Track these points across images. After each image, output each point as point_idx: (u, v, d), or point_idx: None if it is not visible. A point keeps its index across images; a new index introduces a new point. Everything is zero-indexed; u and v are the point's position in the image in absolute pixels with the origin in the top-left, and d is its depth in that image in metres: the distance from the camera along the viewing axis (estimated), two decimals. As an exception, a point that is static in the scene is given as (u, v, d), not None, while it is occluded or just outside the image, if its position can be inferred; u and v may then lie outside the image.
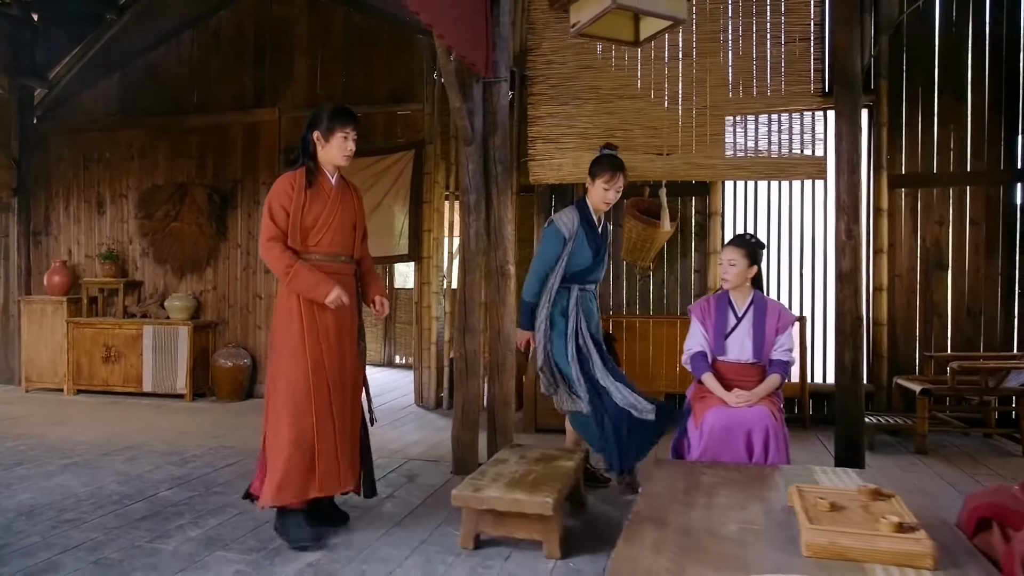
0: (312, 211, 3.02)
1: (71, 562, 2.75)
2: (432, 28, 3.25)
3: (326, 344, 3.03)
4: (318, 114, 3.10)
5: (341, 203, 3.11)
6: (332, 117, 3.05)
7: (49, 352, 6.70)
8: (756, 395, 3.14)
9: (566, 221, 3.57)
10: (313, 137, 3.07)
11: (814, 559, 1.98)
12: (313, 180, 3.05)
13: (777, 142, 3.81)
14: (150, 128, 6.92)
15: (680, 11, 2.52)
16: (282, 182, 3.04)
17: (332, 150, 3.06)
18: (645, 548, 2.08)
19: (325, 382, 3.00)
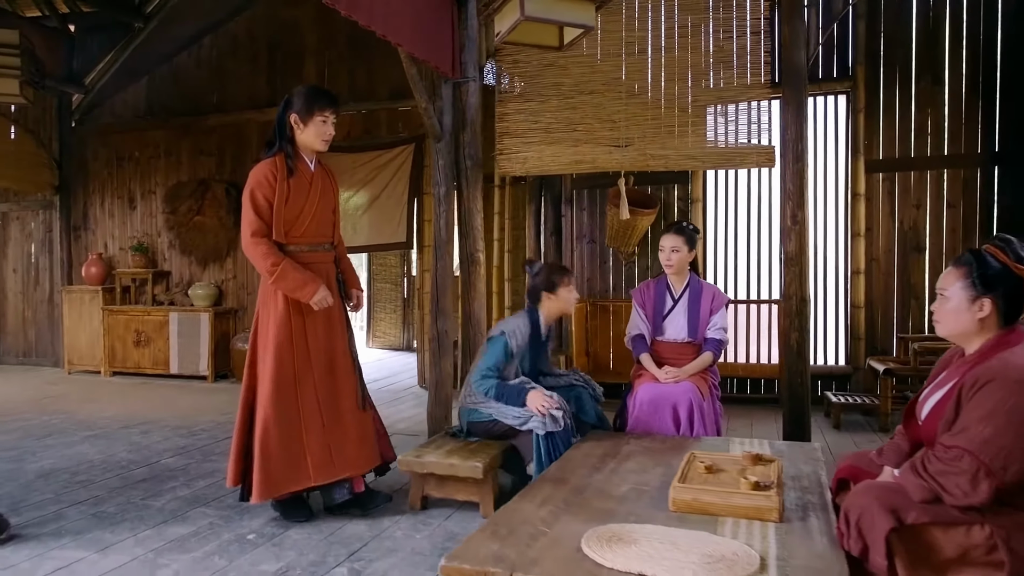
0: (294, 201, 2.92)
1: (74, 514, 3.18)
2: (389, 39, 3.53)
3: (312, 334, 2.97)
4: (292, 98, 2.95)
5: (321, 191, 3.02)
6: (311, 99, 2.90)
7: (87, 337, 7.29)
8: (685, 372, 3.37)
9: (517, 336, 3.26)
10: (290, 119, 2.92)
11: (677, 513, 2.24)
12: (293, 168, 2.91)
13: (727, 132, 3.98)
14: (174, 128, 7.42)
15: (588, 19, 2.75)
16: (262, 170, 2.89)
17: (310, 134, 2.92)
18: (534, 503, 2.36)
19: (311, 373, 2.95)
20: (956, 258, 2.12)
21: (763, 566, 1.84)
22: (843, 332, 5.50)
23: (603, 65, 4.26)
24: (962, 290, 2.04)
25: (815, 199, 5.49)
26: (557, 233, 6.13)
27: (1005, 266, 1.99)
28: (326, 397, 3.00)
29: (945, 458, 1.90)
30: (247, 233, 2.89)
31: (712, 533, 2.05)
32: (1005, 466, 1.82)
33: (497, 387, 3.15)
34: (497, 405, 3.15)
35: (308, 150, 2.99)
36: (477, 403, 3.26)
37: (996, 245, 2.03)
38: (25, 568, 2.60)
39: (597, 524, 2.11)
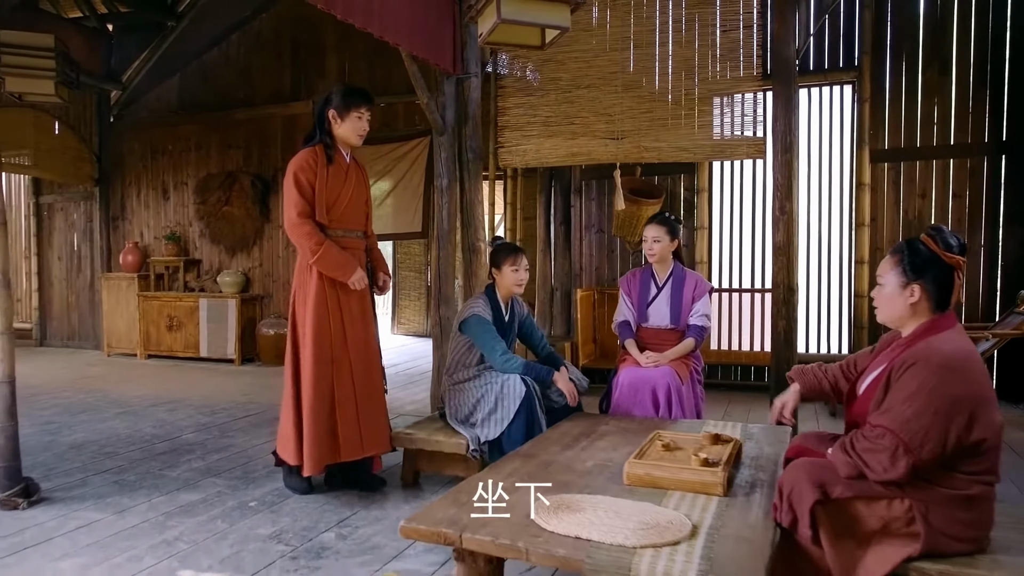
0: (333, 187, 3.11)
1: (98, 481, 3.48)
2: (387, 40, 3.71)
3: (348, 316, 3.15)
4: (331, 94, 3.16)
5: (356, 181, 3.23)
6: (348, 97, 3.12)
7: (125, 322, 7.70)
8: (665, 357, 3.51)
9: (482, 308, 3.41)
10: (328, 115, 3.14)
11: (630, 486, 2.39)
12: (332, 157, 3.12)
13: (721, 124, 4.08)
14: (204, 122, 7.75)
15: (564, 20, 2.89)
16: (303, 156, 3.09)
17: (347, 129, 3.14)
18: (500, 473, 2.54)
19: (347, 355, 3.13)
20: (893, 247, 2.22)
21: (694, 533, 1.99)
22: (847, 321, 5.53)
23: (599, 60, 4.39)
24: (895, 277, 2.14)
25: (820, 189, 5.53)
26: (566, 223, 6.27)
27: (934, 254, 2.09)
28: (360, 378, 3.18)
29: (870, 436, 2.02)
30: (292, 214, 3.05)
31: (657, 504, 2.21)
32: (922, 444, 1.93)
33: (525, 365, 3.34)
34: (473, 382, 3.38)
35: (344, 144, 3.19)
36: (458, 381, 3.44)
37: (928, 234, 2.13)
38: (51, 526, 2.89)
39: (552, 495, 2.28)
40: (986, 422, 1.95)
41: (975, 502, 1.99)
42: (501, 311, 3.57)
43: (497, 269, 3.51)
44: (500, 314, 3.55)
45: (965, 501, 1.98)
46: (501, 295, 3.56)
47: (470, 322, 3.41)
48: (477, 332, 3.40)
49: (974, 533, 1.99)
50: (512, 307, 3.64)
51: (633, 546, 1.89)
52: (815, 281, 5.66)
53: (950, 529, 1.96)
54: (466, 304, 3.60)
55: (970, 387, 1.95)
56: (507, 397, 3.28)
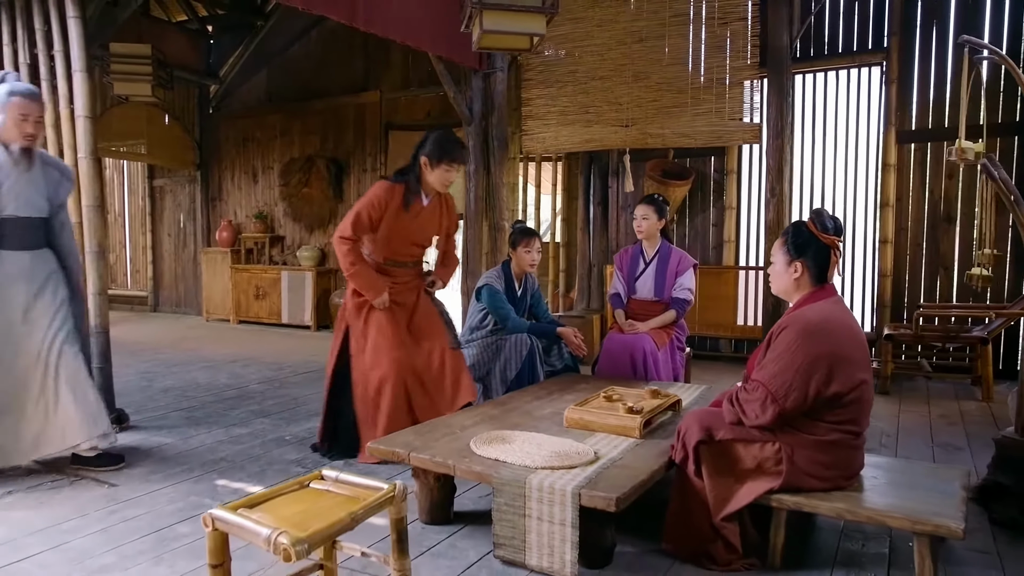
0: (397, 226, 3.31)
1: (174, 416, 4.27)
2: (412, 45, 4.22)
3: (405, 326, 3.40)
4: (429, 139, 3.29)
5: (423, 224, 3.42)
6: (440, 150, 3.24)
7: (220, 291, 8.73)
8: (646, 325, 3.89)
9: (494, 279, 3.85)
10: (421, 160, 3.31)
11: (568, 428, 2.84)
12: (409, 202, 3.31)
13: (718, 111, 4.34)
14: (288, 112, 8.60)
15: (539, 28, 3.30)
16: (380, 193, 3.27)
17: (435, 178, 3.31)
18: (468, 416, 3.05)
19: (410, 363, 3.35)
20: (783, 229, 2.54)
21: (591, 462, 2.43)
22: (870, 299, 5.64)
23: (612, 53, 4.74)
24: (782, 256, 2.48)
25: (846, 170, 5.63)
26: (604, 203, 6.63)
27: (813, 235, 2.41)
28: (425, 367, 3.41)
29: (748, 389, 2.38)
30: (338, 235, 3.31)
31: (579, 442, 2.65)
32: (787, 395, 2.28)
33: (531, 326, 3.84)
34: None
35: (429, 188, 3.38)
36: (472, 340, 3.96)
37: (809, 216, 2.45)
38: (131, 444, 3.66)
39: (498, 430, 2.77)
40: (844, 378, 2.28)
41: (834, 447, 2.32)
42: (514, 284, 4.06)
43: (513, 249, 4.01)
44: (513, 287, 4.06)
45: (825, 446, 2.32)
46: (515, 271, 4.05)
47: (483, 291, 3.93)
48: (489, 299, 3.91)
49: (832, 473, 2.32)
50: (525, 282, 4.13)
51: (535, 467, 2.36)
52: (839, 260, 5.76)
53: (810, 469, 2.31)
54: (483, 275, 4.12)
55: (829, 347, 2.27)
56: (514, 349, 3.79)
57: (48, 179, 3.18)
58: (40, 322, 3.09)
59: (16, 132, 3.01)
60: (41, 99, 3.13)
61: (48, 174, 3.19)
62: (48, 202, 3.17)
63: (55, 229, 3.23)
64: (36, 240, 3.14)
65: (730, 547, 2.34)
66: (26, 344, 3.07)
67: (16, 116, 2.99)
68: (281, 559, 1.60)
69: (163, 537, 2.53)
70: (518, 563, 2.30)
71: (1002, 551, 2.45)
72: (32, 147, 3.07)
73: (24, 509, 2.78)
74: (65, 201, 3.29)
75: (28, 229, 3.10)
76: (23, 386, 3.06)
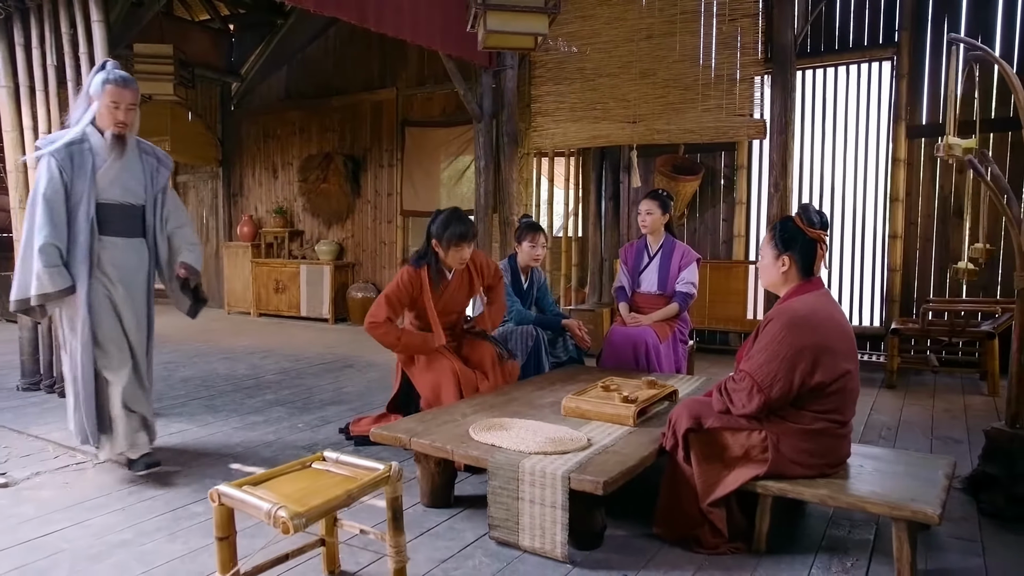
0: (430, 304, 3.46)
1: (194, 404, 4.43)
2: (423, 45, 4.33)
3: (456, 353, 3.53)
4: (437, 221, 3.40)
5: (456, 290, 3.55)
6: (449, 233, 3.35)
7: (241, 284, 8.94)
8: (649, 318, 3.97)
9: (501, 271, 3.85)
10: (433, 243, 3.43)
11: (565, 416, 2.94)
12: (436, 282, 3.45)
13: (723, 107, 4.39)
14: (306, 109, 8.76)
15: (542, 28, 3.38)
16: (406, 279, 3.42)
17: (449, 258, 3.43)
18: (471, 404, 3.16)
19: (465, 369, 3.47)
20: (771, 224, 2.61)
21: (585, 447, 2.53)
22: (879, 294, 5.65)
23: (619, 50, 4.81)
24: (770, 249, 2.54)
25: (856, 165, 5.64)
26: (615, 198, 6.70)
27: (799, 229, 2.47)
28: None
29: (736, 379, 2.46)
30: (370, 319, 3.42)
31: (575, 430, 2.75)
32: (772, 385, 2.35)
33: (537, 318, 3.98)
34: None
35: (448, 264, 3.49)
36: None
37: (796, 212, 2.51)
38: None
39: (497, 417, 2.87)
40: (828, 369, 2.35)
41: (819, 436, 2.39)
42: (520, 277, 4.16)
43: (518, 243, 4.11)
44: (519, 280, 4.16)
45: (810, 434, 2.39)
46: (521, 265, 4.15)
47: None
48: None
49: (817, 461, 2.40)
50: (531, 275, 4.23)
51: (528, 452, 2.46)
52: (849, 255, 5.79)
53: (796, 456, 2.38)
54: None
55: (813, 339, 2.34)
56: (520, 340, 3.89)
57: (145, 166, 3.16)
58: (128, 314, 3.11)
59: (109, 119, 2.99)
60: (135, 87, 3.06)
61: (145, 161, 3.17)
62: (145, 190, 3.14)
63: (159, 220, 3.20)
64: (133, 228, 3.13)
65: (716, 531, 2.43)
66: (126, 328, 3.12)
67: (108, 103, 2.96)
68: (280, 531, 1.72)
69: (178, 516, 2.67)
70: (512, 544, 2.41)
71: (986, 539, 2.50)
72: (124, 135, 3.04)
73: (51, 488, 2.94)
74: (165, 188, 3.23)
75: (125, 217, 3.09)
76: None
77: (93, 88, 3.01)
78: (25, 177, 4.51)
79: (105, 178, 3.02)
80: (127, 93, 3.01)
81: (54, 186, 2.93)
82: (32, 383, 4.65)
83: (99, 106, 2.99)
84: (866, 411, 4.24)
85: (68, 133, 3.03)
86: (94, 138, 3.02)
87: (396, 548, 2.01)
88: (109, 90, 2.97)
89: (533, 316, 3.98)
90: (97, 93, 2.99)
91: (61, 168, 2.93)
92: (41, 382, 4.63)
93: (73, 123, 3.08)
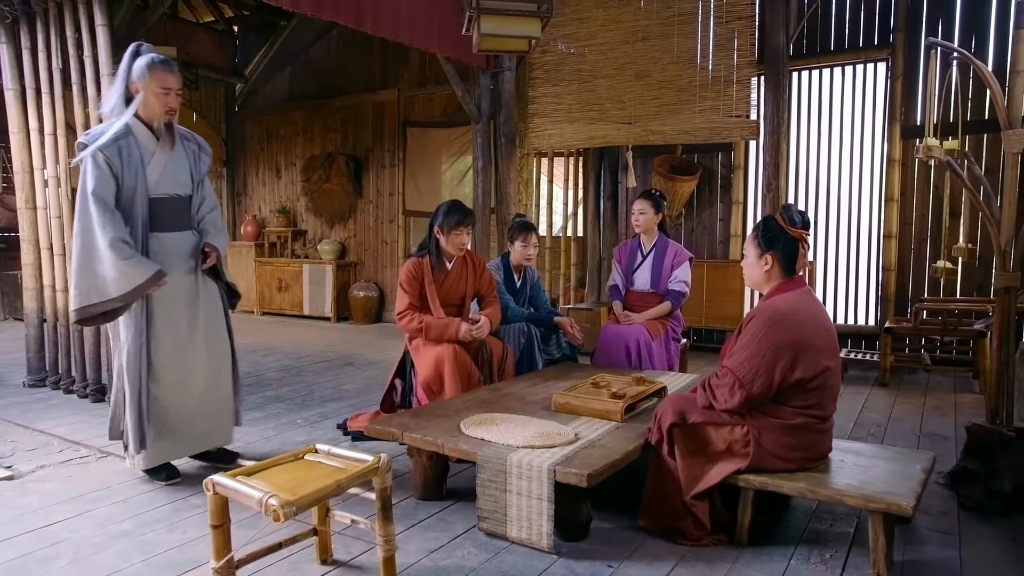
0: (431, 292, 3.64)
1: (195, 402, 4.52)
2: (420, 47, 4.40)
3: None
4: (439, 211, 3.61)
5: (455, 282, 3.70)
6: (448, 217, 3.55)
7: (245, 283, 9.02)
8: (641, 316, 4.03)
9: (494, 269, 4.09)
10: (435, 231, 3.62)
11: (555, 412, 3.01)
12: (436, 269, 3.62)
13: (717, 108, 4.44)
14: (309, 109, 8.85)
15: (535, 31, 3.44)
16: (411, 268, 3.60)
17: (449, 244, 3.60)
18: (463, 399, 3.23)
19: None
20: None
21: (572, 441, 2.59)
22: (874, 293, 5.69)
23: (615, 52, 4.87)
24: (753, 249, 2.60)
25: (851, 165, 5.68)
26: (614, 198, 6.76)
27: (781, 228, 2.53)
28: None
29: (719, 375, 2.52)
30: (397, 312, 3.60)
31: (564, 425, 2.81)
32: (753, 380, 2.41)
33: (530, 315, 4.06)
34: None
35: (448, 253, 3.67)
36: None
37: (779, 212, 2.57)
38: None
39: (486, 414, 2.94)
40: (807, 365, 2.41)
41: (800, 431, 2.45)
42: (513, 276, 4.23)
43: (511, 243, 4.17)
44: (512, 278, 4.22)
45: (791, 429, 2.45)
46: (514, 263, 4.21)
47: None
48: None
49: (797, 455, 2.46)
50: (524, 273, 4.29)
51: (516, 445, 2.53)
52: (844, 254, 5.84)
53: (777, 451, 2.44)
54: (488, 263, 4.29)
55: (793, 336, 2.40)
56: (513, 337, 3.95)
57: (188, 153, 3.01)
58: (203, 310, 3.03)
59: (159, 107, 2.80)
60: (177, 70, 2.89)
61: (188, 148, 3.02)
62: (191, 178, 3.01)
63: (195, 205, 3.06)
64: (184, 221, 3.00)
65: (699, 524, 2.49)
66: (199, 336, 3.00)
67: (157, 90, 2.76)
68: (271, 519, 1.79)
69: (178, 507, 2.75)
70: (500, 535, 2.48)
71: (964, 532, 2.56)
72: (173, 122, 2.89)
73: (56, 481, 3.03)
74: (205, 176, 3.11)
75: (176, 209, 2.95)
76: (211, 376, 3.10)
77: (136, 74, 2.77)
78: (31, 178, 4.60)
79: (155, 171, 2.86)
80: (173, 77, 2.83)
81: (105, 182, 2.75)
82: (38, 380, 4.74)
83: (145, 94, 2.77)
84: (857, 409, 4.30)
85: (112, 126, 2.81)
86: (138, 130, 2.84)
87: (385, 537, 2.08)
88: (157, 75, 2.76)
89: (526, 313, 4.05)
90: (142, 79, 2.76)
91: (109, 163, 2.75)
92: (47, 379, 4.73)
93: (109, 113, 2.87)
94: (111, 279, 2.74)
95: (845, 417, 4.04)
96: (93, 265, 2.75)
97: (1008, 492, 2.71)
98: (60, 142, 4.38)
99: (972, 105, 5.22)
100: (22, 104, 4.53)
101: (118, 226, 2.75)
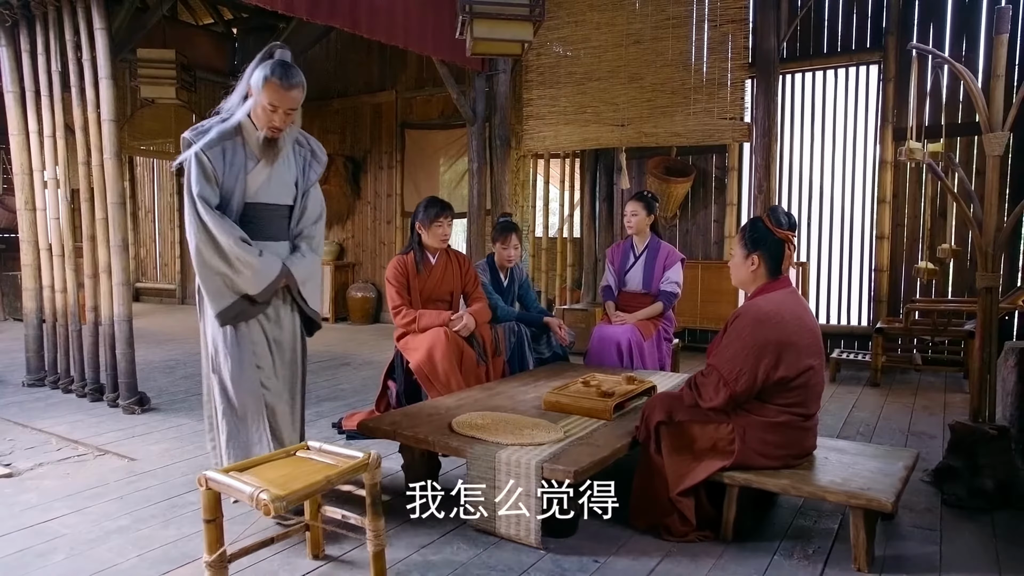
0: (417, 286, 3.76)
1: (193, 400, 4.55)
2: (414, 50, 4.44)
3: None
4: (418, 209, 3.76)
5: (440, 277, 3.79)
6: (428, 210, 3.69)
7: (244, 284, 9.06)
8: (633, 317, 4.08)
9: (480, 269, 4.18)
10: (417, 226, 3.75)
11: (545, 410, 3.05)
12: (420, 265, 3.74)
13: (709, 111, 4.49)
14: (309, 111, 8.87)
15: (527, 35, 3.49)
16: (396, 265, 3.73)
17: (431, 237, 3.71)
18: (456, 400, 3.27)
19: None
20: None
21: (560, 439, 2.64)
22: (867, 294, 5.74)
23: (608, 55, 4.91)
24: (740, 249, 2.65)
25: (843, 166, 5.73)
26: (609, 199, 6.80)
27: (767, 229, 2.58)
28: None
29: (705, 373, 2.57)
30: (392, 308, 3.72)
31: (553, 423, 2.85)
32: (737, 379, 2.46)
33: (519, 314, 4.11)
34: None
35: (431, 248, 3.78)
36: None
37: (765, 213, 2.62)
38: (152, 424, 3.96)
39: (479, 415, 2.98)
40: (791, 364, 2.45)
41: (784, 428, 2.50)
42: (499, 275, 4.28)
43: (494, 243, 4.22)
44: (498, 278, 4.27)
45: (775, 427, 2.49)
46: (497, 264, 4.26)
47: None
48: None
49: (780, 452, 2.50)
50: (512, 272, 4.34)
51: (505, 443, 2.58)
52: (837, 255, 5.88)
53: (761, 448, 2.49)
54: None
55: (777, 335, 2.45)
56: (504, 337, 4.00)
57: (297, 159, 2.82)
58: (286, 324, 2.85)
59: (263, 120, 2.59)
60: (300, 86, 2.59)
61: (298, 154, 2.83)
62: (296, 186, 2.81)
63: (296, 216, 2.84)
64: (279, 230, 2.78)
65: (685, 520, 2.53)
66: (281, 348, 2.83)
67: (265, 104, 2.54)
68: (262, 513, 1.84)
69: (174, 504, 2.80)
70: (489, 531, 2.52)
71: (945, 528, 2.60)
72: (277, 139, 2.67)
73: (54, 479, 3.07)
74: (313, 183, 2.88)
75: (273, 218, 2.76)
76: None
77: (254, 81, 2.59)
78: (31, 179, 4.65)
79: (257, 178, 2.69)
80: (288, 96, 2.56)
81: (207, 184, 2.59)
82: (37, 379, 4.79)
83: (255, 104, 2.58)
84: (848, 408, 4.34)
85: (223, 124, 2.64)
86: (248, 131, 2.64)
87: (375, 532, 2.12)
88: (269, 89, 2.52)
89: (515, 312, 4.09)
90: (257, 88, 2.56)
91: (213, 164, 2.59)
92: (46, 378, 4.77)
93: (228, 108, 2.70)
94: (244, 277, 2.61)
95: (835, 416, 4.09)
96: (213, 264, 2.60)
97: (989, 489, 2.75)
98: (59, 144, 4.43)
99: (962, 108, 5.27)
100: (22, 106, 4.57)
101: (231, 226, 2.61)
